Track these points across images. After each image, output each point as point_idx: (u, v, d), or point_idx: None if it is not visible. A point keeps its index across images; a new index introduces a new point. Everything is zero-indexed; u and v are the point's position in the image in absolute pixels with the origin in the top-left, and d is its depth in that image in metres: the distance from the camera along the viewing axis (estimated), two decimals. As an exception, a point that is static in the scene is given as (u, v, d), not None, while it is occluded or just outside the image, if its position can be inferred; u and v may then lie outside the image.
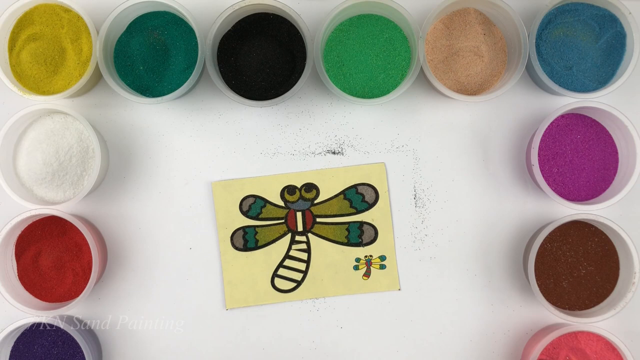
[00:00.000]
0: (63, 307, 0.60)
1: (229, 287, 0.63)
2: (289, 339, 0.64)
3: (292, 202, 0.64)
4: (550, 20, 0.61)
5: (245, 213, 0.63)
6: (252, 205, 0.63)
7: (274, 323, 0.64)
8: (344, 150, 0.64)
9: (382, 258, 0.63)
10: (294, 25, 0.61)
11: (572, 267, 0.62)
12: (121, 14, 0.60)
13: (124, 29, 0.62)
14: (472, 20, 0.62)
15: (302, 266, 0.63)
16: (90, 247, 0.59)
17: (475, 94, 0.62)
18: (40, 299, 0.62)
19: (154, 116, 0.64)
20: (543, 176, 0.60)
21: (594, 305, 0.62)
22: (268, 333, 0.63)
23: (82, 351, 0.60)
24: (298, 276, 0.64)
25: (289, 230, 0.64)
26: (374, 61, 0.61)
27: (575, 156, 0.62)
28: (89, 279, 0.60)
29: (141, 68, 0.61)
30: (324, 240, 0.64)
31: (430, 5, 0.62)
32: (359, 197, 0.64)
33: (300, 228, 0.64)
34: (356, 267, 0.64)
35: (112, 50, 0.62)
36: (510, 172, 0.64)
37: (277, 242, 0.64)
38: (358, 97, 0.61)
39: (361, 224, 0.64)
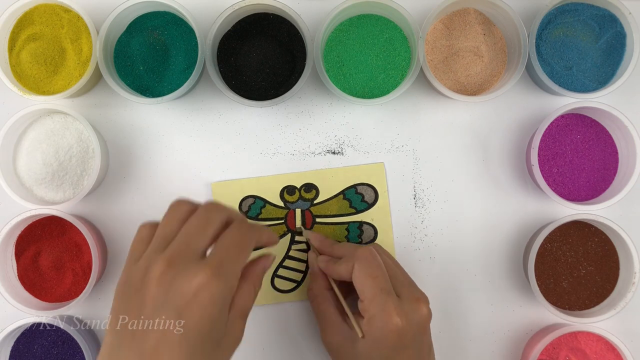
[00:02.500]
0: (63, 307, 0.60)
1: (229, 287, 0.63)
2: (289, 339, 0.64)
3: (292, 203, 0.63)
4: (550, 20, 0.61)
5: (245, 213, 0.63)
6: (252, 206, 0.63)
7: (274, 323, 0.64)
8: (343, 150, 0.64)
9: (382, 258, 0.63)
10: (294, 25, 0.61)
11: (572, 267, 0.62)
12: (121, 14, 0.60)
13: (124, 29, 0.62)
14: (472, 20, 0.62)
15: (302, 266, 0.63)
16: (90, 247, 0.59)
17: (475, 94, 0.62)
18: (40, 299, 0.62)
19: (154, 116, 0.64)
20: (543, 176, 0.60)
21: (594, 305, 0.62)
22: (268, 333, 0.63)
23: (82, 351, 0.60)
24: (298, 276, 0.63)
25: (289, 230, 0.64)
26: (374, 61, 0.61)
27: (575, 156, 0.62)
28: (89, 279, 0.60)
29: (141, 68, 0.61)
30: (324, 240, 0.64)
31: (430, 5, 0.62)
32: (359, 197, 0.64)
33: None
34: (356, 267, 0.64)
35: (112, 50, 0.62)
36: (510, 172, 0.64)
37: (277, 242, 0.64)
38: (358, 97, 0.61)
39: (361, 223, 0.64)
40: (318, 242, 0.60)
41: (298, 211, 0.63)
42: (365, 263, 0.53)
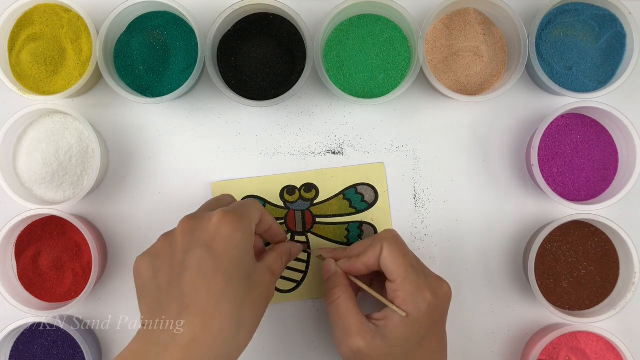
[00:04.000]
0: (63, 307, 0.60)
1: (229, 287, 0.63)
2: (289, 339, 0.64)
3: (292, 203, 0.63)
4: (550, 20, 0.61)
5: (245, 213, 0.63)
6: (252, 205, 0.63)
7: (274, 323, 0.64)
8: (344, 150, 0.64)
9: (382, 258, 0.63)
10: (294, 25, 0.61)
11: (572, 267, 0.62)
12: (121, 14, 0.60)
13: (124, 29, 0.62)
14: (472, 20, 0.62)
15: (302, 266, 0.63)
16: (90, 247, 0.59)
17: (475, 94, 0.62)
18: (40, 299, 0.62)
19: (154, 116, 0.64)
20: (543, 176, 0.60)
21: (594, 305, 0.62)
22: (268, 333, 0.63)
23: (82, 351, 0.60)
24: (298, 276, 0.63)
25: (289, 230, 0.63)
26: (374, 61, 0.61)
27: (575, 156, 0.62)
28: (89, 279, 0.60)
29: (141, 68, 0.61)
30: (324, 241, 0.63)
31: (430, 5, 0.62)
32: (359, 197, 0.64)
33: (299, 228, 0.63)
34: (356, 267, 0.64)
35: (112, 50, 0.62)
36: (510, 172, 0.64)
37: (277, 242, 0.64)
38: (358, 97, 0.61)
39: (361, 223, 0.64)
40: (331, 254, 0.59)
41: (299, 214, 0.63)
42: (394, 241, 0.54)
